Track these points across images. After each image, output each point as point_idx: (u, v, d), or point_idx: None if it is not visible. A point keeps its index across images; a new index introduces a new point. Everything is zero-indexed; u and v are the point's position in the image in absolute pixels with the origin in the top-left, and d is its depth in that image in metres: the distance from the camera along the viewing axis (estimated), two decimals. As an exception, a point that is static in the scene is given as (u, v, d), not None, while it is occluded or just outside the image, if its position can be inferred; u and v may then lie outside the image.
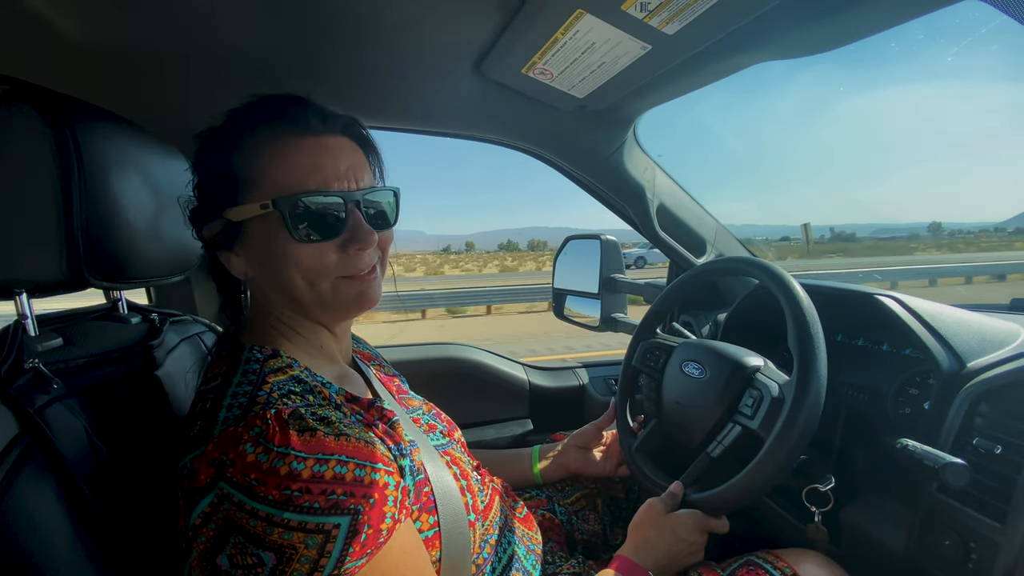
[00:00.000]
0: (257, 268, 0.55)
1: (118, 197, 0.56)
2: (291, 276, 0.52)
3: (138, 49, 0.75)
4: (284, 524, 0.40)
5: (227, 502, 0.41)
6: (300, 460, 0.42)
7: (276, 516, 0.40)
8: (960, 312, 0.76)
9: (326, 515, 0.41)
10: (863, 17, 0.65)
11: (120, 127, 0.59)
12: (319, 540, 0.40)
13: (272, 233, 0.51)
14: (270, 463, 0.41)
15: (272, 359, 0.52)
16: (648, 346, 0.91)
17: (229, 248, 0.54)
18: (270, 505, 0.40)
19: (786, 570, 0.64)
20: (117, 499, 0.50)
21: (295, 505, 0.40)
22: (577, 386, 1.37)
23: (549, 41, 0.74)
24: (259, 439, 0.42)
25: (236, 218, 0.52)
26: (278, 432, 0.43)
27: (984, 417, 0.63)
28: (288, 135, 0.51)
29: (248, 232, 0.53)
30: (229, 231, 0.53)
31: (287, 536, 0.40)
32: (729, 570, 0.67)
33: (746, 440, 0.70)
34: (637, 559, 0.64)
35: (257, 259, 0.54)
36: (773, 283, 0.72)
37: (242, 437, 0.43)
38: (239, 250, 0.54)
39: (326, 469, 0.42)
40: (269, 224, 0.51)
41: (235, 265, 0.55)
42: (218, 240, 0.55)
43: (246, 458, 0.41)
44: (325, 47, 0.80)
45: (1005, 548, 0.55)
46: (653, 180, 1.12)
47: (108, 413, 0.56)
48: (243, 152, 0.52)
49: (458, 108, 1.00)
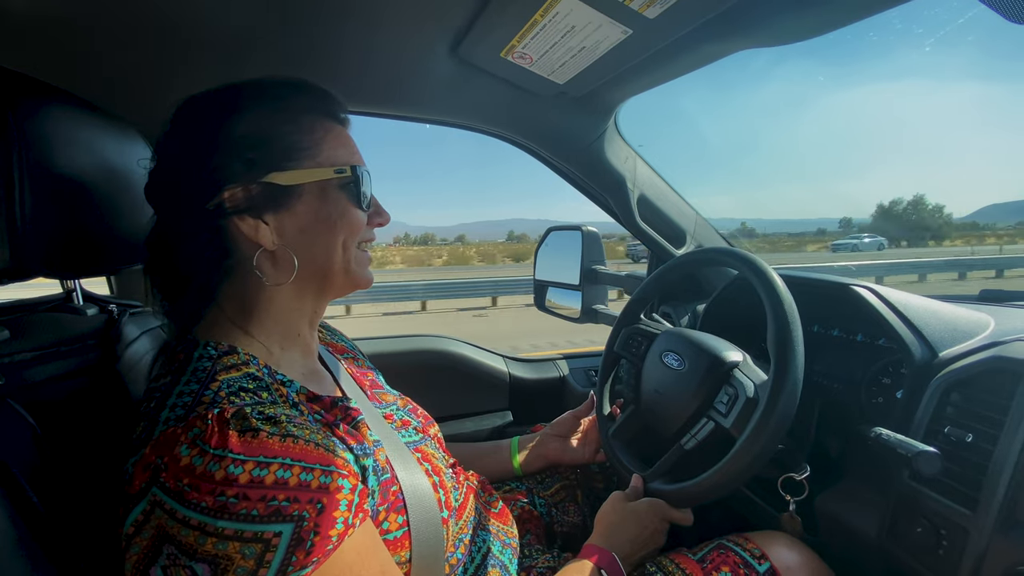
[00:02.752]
0: (295, 234, 0.53)
1: (66, 179, 0.52)
2: (335, 239, 0.55)
3: (90, 22, 0.69)
4: (218, 533, 0.37)
5: (159, 509, 0.38)
6: (238, 464, 0.39)
7: (209, 525, 0.37)
8: (932, 302, 0.77)
9: (265, 523, 0.38)
10: (844, 5, 0.65)
11: (67, 104, 0.55)
12: (257, 550, 0.37)
13: (332, 196, 0.54)
14: (204, 467, 0.38)
15: (227, 356, 0.49)
16: (630, 332, 0.91)
17: (257, 216, 0.51)
18: (203, 513, 0.37)
19: (755, 551, 0.66)
20: (65, 499, 0.47)
21: (230, 512, 0.37)
22: (557, 377, 1.37)
23: (528, 23, 0.72)
24: (196, 440, 0.39)
25: (289, 182, 0.52)
26: (216, 433, 0.40)
27: (955, 406, 0.64)
28: (334, 121, 0.57)
29: (300, 195, 0.53)
30: (266, 196, 0.51)
31: (221, 546, 0.37)
32: (701, 554, 0.68)
33: (718, 437, 0.70)
34: (604, 546, 0.66)
35: (301, 224, 0.53)
36: (755, 278, 0.72)
37: (180, 438, 0.40)
38: (271, 217, 0.52)
39: (266, 473, 0.39)
40: (328, 188, 0.54)
41: (261, 233, 0.51)
42: (242, 207, 0.51)
43: (180, 461, 0.39)
44: (296, 28, 0.76)
45: (975, 535, 0.56)
46: (634, 170, 1.11)
47: (58, 410, 0.53)
48: (299, 124, 0.53)
49: (435, 93, 0.97)
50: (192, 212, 0.51)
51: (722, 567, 0.64)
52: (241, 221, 0.51)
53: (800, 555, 0.66)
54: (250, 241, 0.52)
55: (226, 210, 0.50)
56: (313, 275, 0.55)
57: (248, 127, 0.51)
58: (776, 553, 0.65)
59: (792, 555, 0.66)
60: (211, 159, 0.50)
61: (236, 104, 0.52)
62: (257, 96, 0.53)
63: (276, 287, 0.54)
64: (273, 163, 0.51)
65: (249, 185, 0.51)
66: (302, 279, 0.55)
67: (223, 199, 0.50)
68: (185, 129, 0.53)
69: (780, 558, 0.65)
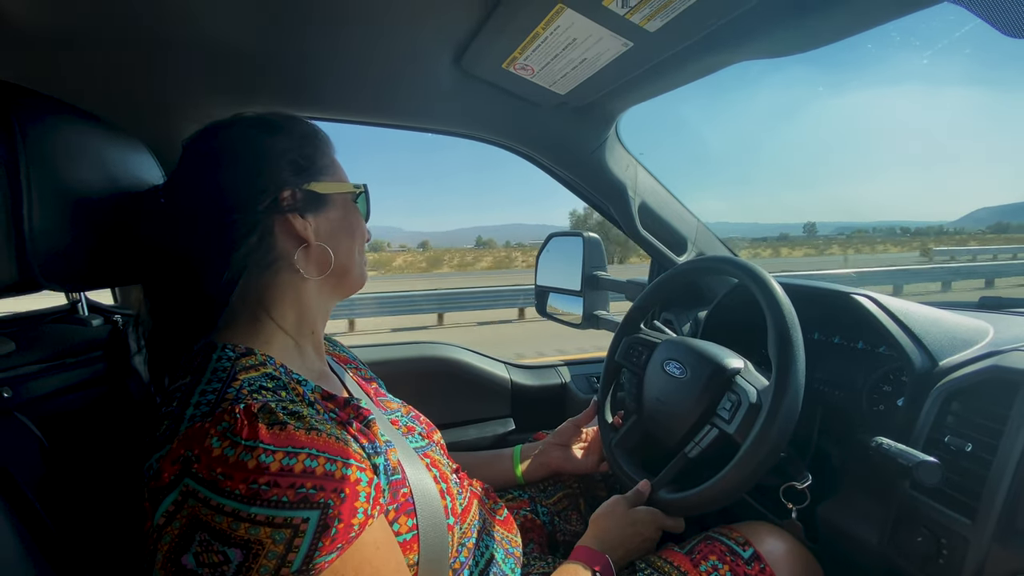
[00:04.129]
0: (327, 236, 0.60)
1: (74, 193, 0.53)
2: (355, 244, 0.64)
3: (93, 35, 0.70)
4: (250, 519, 0.39)
5: (192, 498, 0.40)
6: (269, 453, 0.41)
7: (242, 511, 0.39)
8: (932, 311, 0.78)
9: (294, 509, 0.40)
10: (843, 18, 0.65)
11: (75, 119, 0.56)
12: (287, 535, 0.39)
13: (351, 208, 0.64)
14: (237, 456, 0.40)
15: (245, 357, 0.51)
16: (631, 341, 0.91)
17: (303, 215, 0.58)
18: (236, 500, 0.39)
19: (739, 539, 0.69)
20: (72, 512, 0.48)
21: (262, 499, 0.39)
22: (559, 384, 1.37)
23: (529, 36, 0.73)
24: (226, 433, 0.41)
25: (324, 191, 0.60)
26: (246, 426, 0.42)
27: (955, 415, 0.64)
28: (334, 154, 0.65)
29: (330, 204, 0.61)
30: (308, 200, 0.59)
31: (253, 531, 0.39)
32: (689, 546, 0.70)
33: (722, 443, 0.70)
34: (595, 547, 0.68)
35: (331, 228, 0.61)
36: (755, 285, 0.72)
37: (209, 432, 0.41)
38: (311, 219, 0.59)
39: (295, 462, 0.42)
40: (348, 201, 0.64)
41: (310, 229, 0.59)
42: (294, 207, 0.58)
43: (212, 453, 0.40)
44: (300, 41, 0.77)
45: (975, 544, 0.56)
46: (635, 178, 1.12)
47: (65, 422, 0.53)
48: (321, 147, 0.62)
49: (438, 103, 0.98)
50: (246, 212, 0.54)
51: (710, 556, 0.67)
52: (293, 219, 0.57)
53: (783, 542, 0.69)
54: (295, 237, 0.58)
55: (282, 208, 0.57)
56: (335, 273, 0.61)
57: (290, 143, 0.59)
58: (760, 540, 0.68)
59: (775, 542, 0.69)
60: (267, 166, 0.56)
61: (279, 124, 0.60)
62: (289, 122, 0.62)
63: (304, 282, 0.59)
64: (313, 174, 0.59)
65: (295, 190, 0.57)
66: (328, 275, 0.61)
67: (281, 198, 0.56)
68: (235, 141, 0.58)
69: (763, 544, 0.68)
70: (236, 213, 0.54)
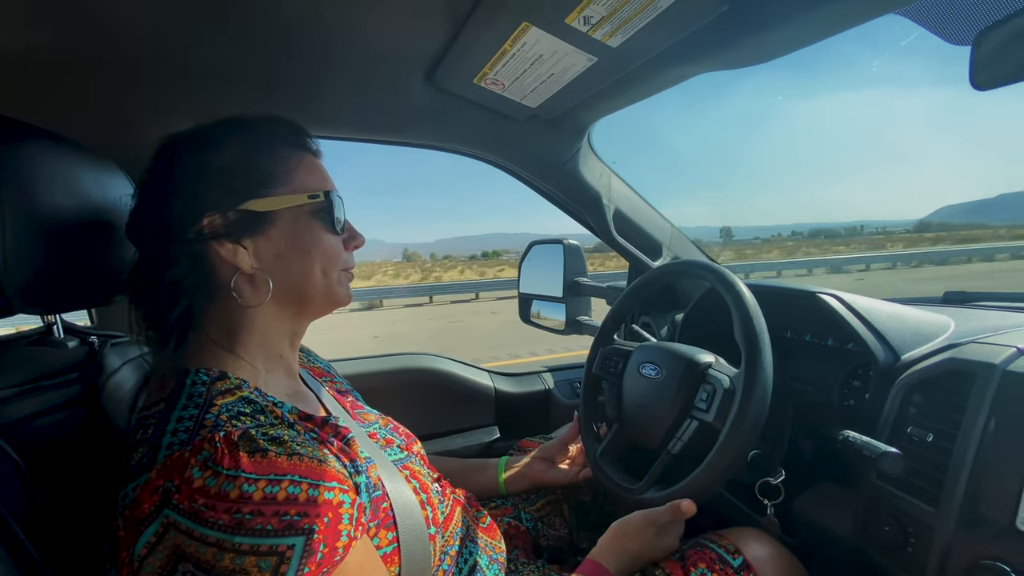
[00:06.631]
0: (271, 258, 0.56)
1: (47, 216, 0.53)
2: (313, 264, 0.57)
3: (65, 58, 0.70)
4: (235, 549, 0.39)
5: (173, 529, 0.39)
6: (251, 482, 0.41)
7: (226, 541, 0.39)
8: (895, 307, 0.81)
9: (280, 536, 0.40)
10: (793, 32, 0.68)
11: (46, 142, 0.56)
12: (272, 562, 0.39)
13: (304, 223, 0.57)
14: (219, 487, 0.40)
15: (219, 381, 0.51)
16: (607, 352, 0.93)
17: (236, 240, 0.54)
18: (220, 530, 0.39)
19: (729, 547, 0.69)
20: (52, 536, 0.48)
21: (246, 528, 0.39)
22: (543, 390, 1.38)
23: (498, 53, 0.75)
24: (207, 463, 0.41)
25: (264, 208, 0.54)
26: (227, 454, 0.41)
27: (917, 406, 0.67)
28: (306, 151, 0.60)
29: (274, 222, 0.55)
30: (243, 222, 0.54)
31: (238, 561, 0.39)
32: (680, 553, 0.70)
33: (703, 434, 0.72)
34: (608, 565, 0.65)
35: (276, 249, 0.56)
36: (719, 283, 0.75)
37: (189, 462, 0.41)
38: (248, 242, 0.54)
39: (278, 490, 0.41)
40: (300, 215, 0.57)
41: (239, 256, 0.54)
42: (220, 232, 0.53)
43: (193, 483, 0.40)
44: (273, 59, 0.78)
45: (939, 531, 0.58)
46: (609, 186, 1.15)
47: (43, 445, 0.53)
48: (274, 154, 0.57)
49: (413, 118, 1.00)
50: (175, 240, 0.53)
51: (699, 563, 0.67)
52: (220, 246, 0.53)
53: (770, 548, 0.70)
54: (229, 265, 0.54)
55: (205, 236, 0.53)
56: (291, 297, 0.58)
57: (226, 159, 0.54)
58: (747, 547, 0.69)
59: (763, 548, 0.69)
60: (192, 189, 0.53)
61: (214, 137, 0.56)
62: (234, 130, 0.57)
63: (255, 308, 0.56)
64: (250, 191, 0.54)
65: (227, 212, 0.53)
66: (280, 300, 0.57)
67: (202, 226, 0.53)
68: (167, 164, 0.55)
69: (752, 552, 0.68)
70: (161, 244, 0.53)
